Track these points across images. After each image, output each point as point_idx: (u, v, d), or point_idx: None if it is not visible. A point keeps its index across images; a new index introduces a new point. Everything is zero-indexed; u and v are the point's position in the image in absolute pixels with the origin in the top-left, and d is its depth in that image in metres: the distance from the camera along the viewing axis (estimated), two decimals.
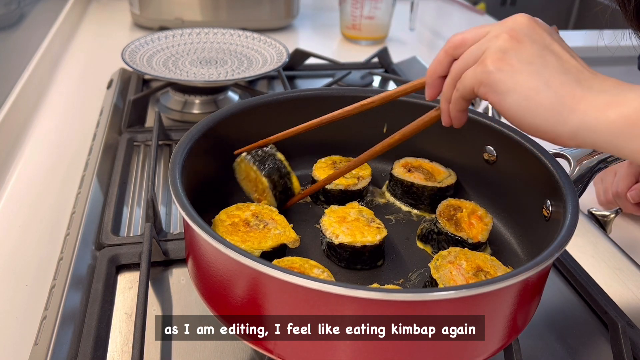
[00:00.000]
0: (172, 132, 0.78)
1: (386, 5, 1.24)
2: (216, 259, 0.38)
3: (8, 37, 0.89)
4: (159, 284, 0.54)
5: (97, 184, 0.67)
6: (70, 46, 1.19)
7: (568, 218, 0.41)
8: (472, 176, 0.57)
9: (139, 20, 1.28)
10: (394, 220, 0.56)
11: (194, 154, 0.47)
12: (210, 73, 0.87)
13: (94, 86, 0.98)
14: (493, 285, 0.34)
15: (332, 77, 0.98)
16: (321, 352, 0.36)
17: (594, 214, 0.65)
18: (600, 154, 0.50)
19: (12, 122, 0.80)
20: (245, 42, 0.97)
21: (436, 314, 0.35)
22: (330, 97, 0.59)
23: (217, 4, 1.24)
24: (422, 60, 1.12)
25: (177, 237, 0.58)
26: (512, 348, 0.44)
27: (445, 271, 0.44)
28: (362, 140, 0.61)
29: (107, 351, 0.47)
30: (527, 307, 0.40)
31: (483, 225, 0.51)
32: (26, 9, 0.99)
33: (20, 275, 0.57)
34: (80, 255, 0.55)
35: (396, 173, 0.58)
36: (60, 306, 0.49)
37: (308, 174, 0.59)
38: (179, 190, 0.41)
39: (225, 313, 0.40)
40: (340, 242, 0.48)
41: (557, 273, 0.58)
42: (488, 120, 0.54)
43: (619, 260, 0.60)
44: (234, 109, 0.53)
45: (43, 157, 0.78)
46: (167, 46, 0.94)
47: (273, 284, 0.35)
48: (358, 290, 0.33)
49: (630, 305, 0.54)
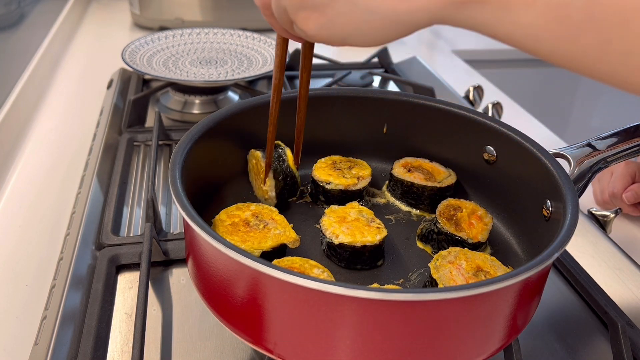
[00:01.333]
0: (172, 132, 0.79)
1: None
2: (216, 259, 0.38)
3: (8, 37, 0.89)
4: (159, 284, 0.54)
5: (97, 184, 0.67)
6: (70, 46, 1.19)
7: (568, 218, 0.41)
8: (472, 176, 0.57)
9: (139, 20, 1.28)
10: (394, 220, 0.56)
11: (194, 154, 0.47)
12: (210, 73, 0.87)
13: (94, 86, 0.98)
14: (493, 285, 0.34)
15: (332, 77, 0.98)
16: (321, 352, 0.36)
17: (594, 214, 0.65)
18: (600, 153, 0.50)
19: (12, 122, 0.80)
20: (245, 42, 0.97)
21: (436, 314, 0.35)
22: (330, 97, 0.59)
23: (217, 4, 1.24)
24: (422, 60, 1.12)
25: (177, 237, 0.58)
26: (512, 348, 0.44)
27: (445, 271, 0.44)
28: (362, 140, 0.61)
29: (107, 351, 0.47)
30: (527, 307, 0.40)
31: (483, 225, 0.51)
32: (26, 9, 0.99)
33: (20, 275, 0.57)
34: (80, 255, 0.55)
35: (396, 173, 0.58)
36: (60, 306, 0.49)
37: (308, 174, 0.59)
38: (179, 190, 0.41)
39: (225, 313, 0.40)
40: (340, 242, 0.48)
41: (557, 273, 0.58)
42: (488, 120, 0.54)
43: (619, 260, 0.60)
44: (234, 109, 0.53)
45: (43, 157, 0.78)
46: (167, 46, 0.94)
47: (273, 284, 0.35)
48: (358, 290, 0.33)
49: (630, 305, 0.54)
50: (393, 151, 0.60)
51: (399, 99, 0.58)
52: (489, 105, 0.92)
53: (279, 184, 0.54)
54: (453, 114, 0.56)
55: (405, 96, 0.58)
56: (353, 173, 0.57)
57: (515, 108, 1.01)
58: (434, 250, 0.51)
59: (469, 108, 0.56)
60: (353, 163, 0.59)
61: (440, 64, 1.21)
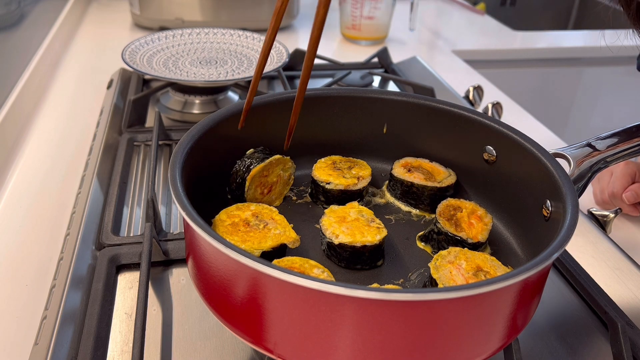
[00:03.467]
0: (172, 132, 0.79)
1: (386, 5, 1.24)
2: (216, 259, 0.38)
3: (8, 37, 0.89)
4: (159, 284, 0.54)
5: (97, 184, 0.67)
6: (70, 46, 1.19)
7: (568, 218, 0.41)
8: (472, 176, 0.57)
9: (139, 20, 1.28)
10: (394, 220, 0.56)
11: (194, 154, 0.47)
12: (210, 73, 0.87)
13: (94, 86, 0.98)
14: (493, 285, 0.34)
15: (332, 77, 0.98)
16: (321, 352, 0.36)
17: (593, 214, 0.65)
18: (600, 153, 0.50)
19: (12, 122, 0.80)
20: (245, 42, 0.97)
21: (436, 314, 0.35)
22: (330, 97, 0.59)
23: (217, 4, 1.24)
24: (422, 61, 1.12)
25: (177, 237, 0.58)
26: (512, 348, 0.44)
27: (445, 271, 0.44)
28: (362, 140, 0.61)
29: (107, 351, 0.47)
30: (527, 307, 0.41)
31: (483, 225, 0.51)
32: (26, 9, 0.99)
33: (20, 275, 0.57)
34: (80, 255, 0.55)
35: (396, 173, 0.58)
36: (60, 306, 0.49)
37: (308, 174, 0.59)
38: (179, 190, 0.41)
39: (225, 313, 0.40)
40: (340, 242, 0.48)
41: (557, 273, 0.58)
42: (488, 120, 0.54)
43: (619, 260, 0.60)
44: (234, 109, 0.53)
45: (43, 157, 0.78)
46: (167, 46, 0.94)
47: (273, 284, 0.35)
48: (358, 290, 0.33)
49: (630, 305, 0.54)
50: (393, 151, 0.60)
51: (399, 99, 0.58)
52: (489, 105, 0.92)
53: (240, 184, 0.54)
54: (453, 114, 0.56)
55: (405, 96, 0.58)
56: (353, 173, 0.57)
57: (515, 108, 1.01)
58: (434, 250, 0.51)
59: (469, 108, 0.56)
60: (353, 163, 0.59)
61: (440, 64, 1.21)
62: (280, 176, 0.56)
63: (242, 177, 0.53)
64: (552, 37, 1.49)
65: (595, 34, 1.51)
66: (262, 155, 0.54)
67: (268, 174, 0.54)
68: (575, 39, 1.51)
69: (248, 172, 0.53)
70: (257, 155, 0.54)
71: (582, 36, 1.52)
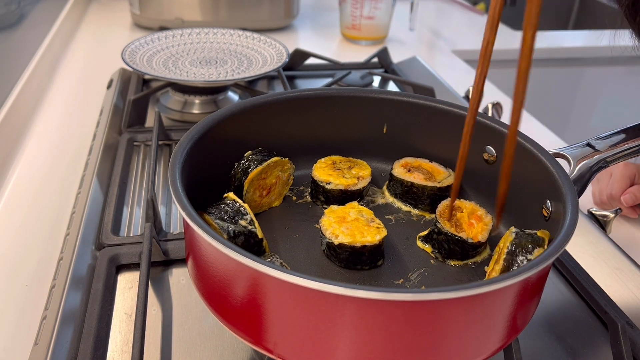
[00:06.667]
0: (172, 132, 0.79)
1: (386, 5, 1.24)
2: (216, 259, 0.38)
3: (8, 37, 0.89)
4: (159, 284, 0.54)
5: (97, 184, 0.67)
6: (70, 46, 1.19)
7: (568, 218, 0.41)
8: (472, 176, 0.57)
9: (139, 20, 1.28)
10: (394, 220, 0.56)
11: (194, 154, 0.47)
12: (210, 73, 0.87)
13: (94, 86, 0.98)
14: (493, 285, 0.34)
15: (332, 77, 0.98)
16: (321, 352, 0.36)
17: (593, 214, 0.65)
18: (600, 153, 0.50)
19: (12, 122, 0.80)
20: (245, 42, 0.97)
21: (436, 314, 0.35)
22: (330, 97, 0.59)
23: (217, 4, 1.24)
24: (422, 61, 1.12)
25: (177, 237, 0.58)
26: (511, 348, 0.44)
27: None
28: (362, 140, 0.61)
29: (107, 351, 0.47)
30: (526, 307, 0.41)
31: (483, 225, 0.51)
32: (26, 9, 0.99)
33: (20, 275, 0.57)
34: (80, 255, 0.55)
35: (396, 173, 0.58)
36: (60, 306, 0.49)
37: (308, 174, 0.59)
38: (179, 190, 0.41)
39: (225, 313, 0.40)
40: (340, 242, 0.48)
41: (557, 273, 0.58)
42: (488, 120, 0.54)
43: (619, 260, 0.60)
44: (234, 109, 0.53)
45: (43, 157, 0.78)
46: (167, 46, 0.94)
47: (273, 284, 0.35)
48: (358, 290, 0.33)
49: (630, 305, 0.54)
50: (393, 151, 0.60)
51: (399, 99, 0.58)
52: (489, 105, 0.92)
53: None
54: (453, 114, 0.56)
55: (405, 96, 0.58)
56: (353, 173, 0.57)
57: None
58: (434, 250, 0.51)
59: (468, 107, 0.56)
60: (353, 163, 0.59)
61: (440, 64, 1.21)
62: (279, 177, 0.56)
63: (240, 180, 0.53)
64: (552, 37, 1.49)
65: (595, 34, 1.51)
66: (260, 157, 0.54)
67: (266, 176, 0.54)
68: (575, 39, 1.51)
69: (246, 176, 0.53)
70: (255, 157, 0.54)
71: (582, 36, 1.52)
